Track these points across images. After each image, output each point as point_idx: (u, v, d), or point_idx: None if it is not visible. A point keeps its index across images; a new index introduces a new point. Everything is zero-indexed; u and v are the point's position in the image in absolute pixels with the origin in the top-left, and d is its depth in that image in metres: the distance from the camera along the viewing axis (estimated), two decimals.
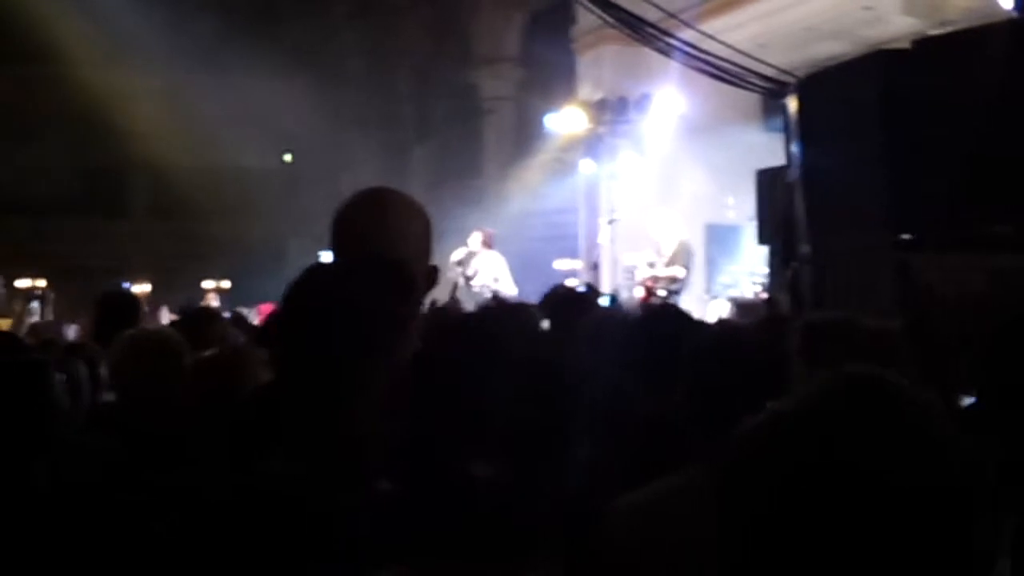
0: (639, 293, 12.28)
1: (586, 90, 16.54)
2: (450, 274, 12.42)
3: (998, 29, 8.16)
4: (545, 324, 4.42)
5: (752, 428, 1.08)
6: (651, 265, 12.40)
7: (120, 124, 22.28)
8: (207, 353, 3.29)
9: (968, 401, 3.00)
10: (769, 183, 11.13)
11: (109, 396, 4.00)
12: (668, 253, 12.31)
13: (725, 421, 2.47)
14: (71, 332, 10.84)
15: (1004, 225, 7.44)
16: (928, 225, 7.86)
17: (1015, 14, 9.21)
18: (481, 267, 13.12)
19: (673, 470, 2.61)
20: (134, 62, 21.83)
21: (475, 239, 13.37)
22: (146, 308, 10.13)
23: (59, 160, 25.11)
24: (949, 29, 10.04)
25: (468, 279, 12.89)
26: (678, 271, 12.22)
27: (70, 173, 25.73)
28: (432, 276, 2.39)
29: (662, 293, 11.95)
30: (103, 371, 4.27)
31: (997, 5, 9.53)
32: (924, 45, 8.68)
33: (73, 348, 4.98)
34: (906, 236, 8.05)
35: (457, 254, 12.99)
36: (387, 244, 2.20)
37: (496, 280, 12.86)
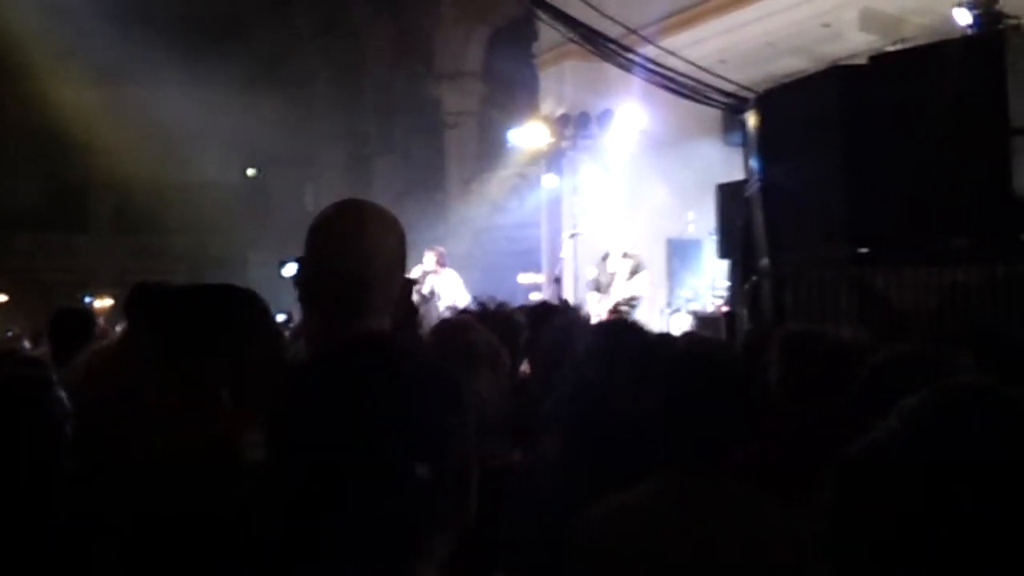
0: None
1: (548, 105, 16.60)
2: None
3: (953, 46, 8.27)
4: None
5: (878, 443, 1.06)
6: (597, 289, 12.37)
7: (82, 139, 22.14)
8: (104, 342, 3.10)
9: None
10: (729, 197, 11.19)
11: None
12: (625, 272, 12.29)
13: (698, 428, 2.53)
14: (27, 345, 10.72)
15: (960, 239, 7.52)
16: (885, 239, 7.92)
17: (970, 31, 9.36)
18: (437, 286, 13.08)
19: (643, 475, 2.64)
20: (97, 77, 21.71)
21: (429, 259, 13.28)
22: (103, 322, 10.04)
23: (21, 175, 24.90)
24: (906, 46, 10.17)
25: (424, 298, 12.79)
26: (641, 286, 12.26)
27: (32, 188, 25.52)
28: (407, 289, 2.40)
29: (625, 309, 11.98)
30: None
31: (953, 22, 9.67)
32: (881, 61, 8.76)
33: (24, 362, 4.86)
34: (864, 250, 8.12)
35: (413, 273, 12.87)
36: (361, 257, 2.20)
37: (453, 299, 12.79)
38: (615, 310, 12.02)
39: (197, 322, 1.94)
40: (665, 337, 4.20)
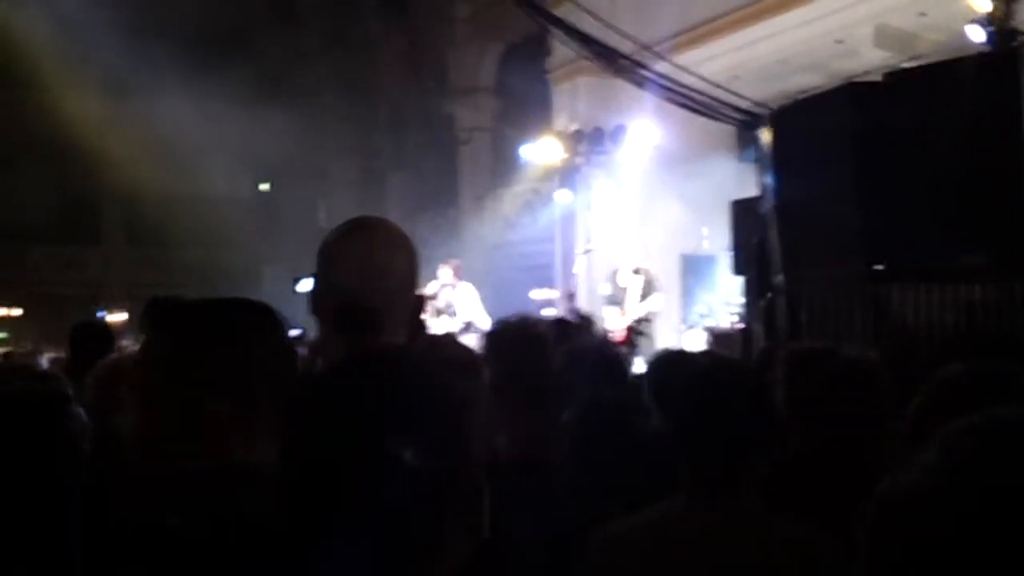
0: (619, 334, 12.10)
1: (562, 121, 16.62)
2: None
3: (968, 63, 8.26)
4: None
5: (916, 480, 1.02)
6: (614, 303, 12.40)
7: (95, 151, 22.18)
8: (107, 359, 3.07)
9: None
10: (743, 214, 11.19)
11: None
12: (638, 289, 12.30)
13: (720, 446, 2.53)
14: (44, 362, 10.73)
15: (975, 257, 7.50)
16: (901, 256, 7.91)
17: (985, 48, 9.35)
18: (454, 300, 13.01)
19: (662, 495, 2.63)
20: (109, 90, 21.79)
21: (445, 272, 13.15)
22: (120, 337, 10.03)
23: (34, 187, 24.95)
24: (921, 62, 10.16)
25: (439, 312, 12.73)
26: (657, 303, 12.26)
27: (45, 200, 25.55)
28: (418, 306, 2.40)
29: (640, 327, 11.99)
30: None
31: (967, 39, 9.66)
32: (896, 78, 8.76)
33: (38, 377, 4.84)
34: (879, 267, 8.10)
35: (430, 288, 12.78)
36: (373, 275, 2.21)
37: (469, 313, 12.74)
38: (631, 328, 12.02)
39: (206, 331, 1.94)
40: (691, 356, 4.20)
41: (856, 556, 1.07)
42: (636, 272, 12.38)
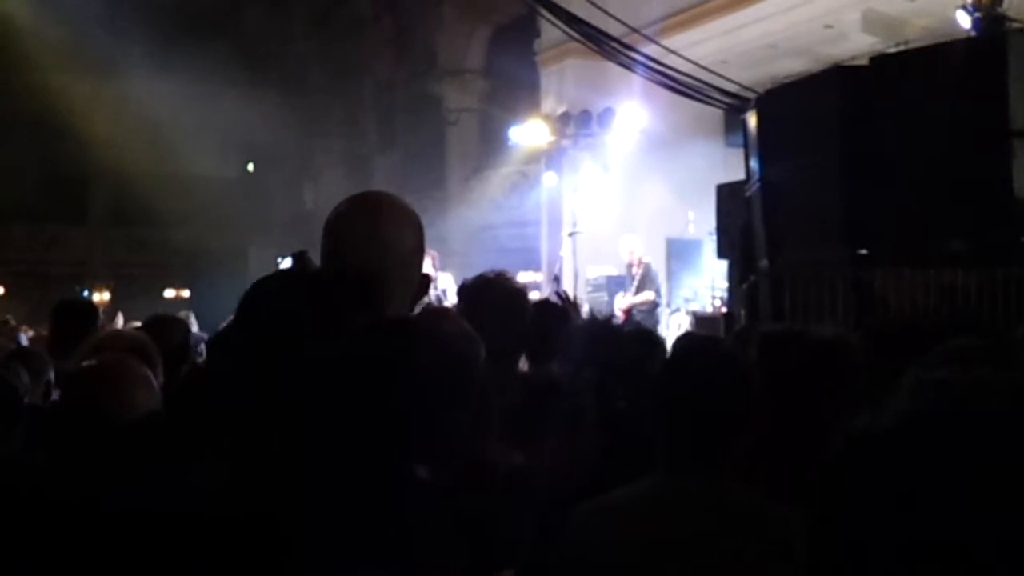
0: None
1: (549, 103, 16.60)
2: None
3: (955, 48, 8.26)
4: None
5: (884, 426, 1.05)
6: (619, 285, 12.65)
7: (81, 131, 22.08)
8: (84, 363, 3.03)
9: None
10: (729, 197, 11.19)
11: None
12: (636, 279, 12.46)
13: (695, 425, 2.53)
14: (23, 339, 10.70)
15: (959, 241, 7.52)
16: (885, 241, 7.92)
17: (972, 34, 9.36)
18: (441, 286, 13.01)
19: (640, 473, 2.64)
20: (95, 69, 21.67)
21: (425, 262, 13.10)
22: (101, 316, 9.99)
23: (19, 166, 24.84)
24: (908, 48, 10.17)
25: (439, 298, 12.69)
26: (649, 295, 12.37)
27: (30, 179, 25.45)
28: (424, 284, 2.39)
29: (638, 316, 12.07)
30: (51, 378, 4.22)
31: (955, 25, 9.67)
32: (881, 62, 8.76)
33: (17, 354, 4.80)
34: (863, 251, 8.12)
35: None
36: (379, 251, 2.19)
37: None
38: (628, 311, 12.15)
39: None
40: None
41: (811, 499, 1.07)
42: (640, 263, 12.52)
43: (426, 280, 2.40)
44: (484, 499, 1.58)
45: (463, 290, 3.68)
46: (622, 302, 12.59)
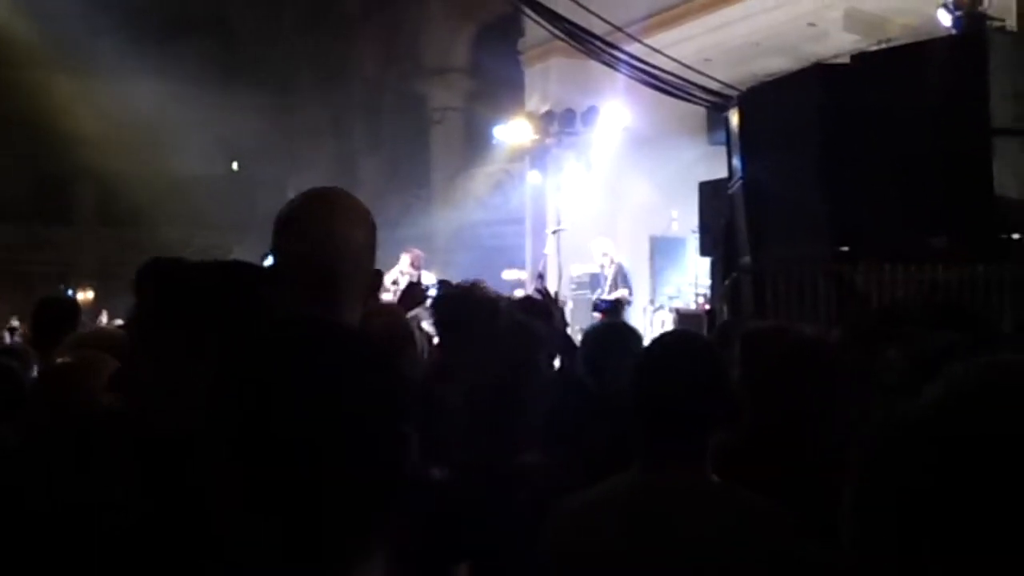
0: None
1: (533, 102, 16.62)
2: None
3: (936, 46, 8.30)
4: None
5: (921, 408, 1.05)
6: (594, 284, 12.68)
7: (66, 130, 22.01)
8: (59, 360, 3.02)
9: None
10: (711, 195, 11.22)
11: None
12: (609, 278, 12.53)
13: (674, 420, 2.54)
14: (7, 337, 10.68)
15: (940, 238, 7.56)
16: (866, 237, 7.95)
17: (953, 32, 9.40)
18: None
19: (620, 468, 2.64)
20: (82, 68, 21.60)
21: (404, 261, 13.06)
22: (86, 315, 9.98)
23: (4, 165, 24.75)
24: (890, 45, 10.21)
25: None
26: (622, 292, 12.41)
27: (15, 178, 25.36)
28: (376, 281, 2.39)
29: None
30: (35, 374, 4.21)
31: (937, 23, 9.71)
32: (863, 60, 8.79)
33: (2, 350, 4.79)
34: (844, 248, 8.15)
35: (390, 275, 12.64)
36: (330, 248, 2.19)
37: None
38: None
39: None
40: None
41: (845, 490, 1.07)
42: (612, 263, 12.55)
43: (378, 276, 2.39)
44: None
45: (436, 302, 3.67)
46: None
